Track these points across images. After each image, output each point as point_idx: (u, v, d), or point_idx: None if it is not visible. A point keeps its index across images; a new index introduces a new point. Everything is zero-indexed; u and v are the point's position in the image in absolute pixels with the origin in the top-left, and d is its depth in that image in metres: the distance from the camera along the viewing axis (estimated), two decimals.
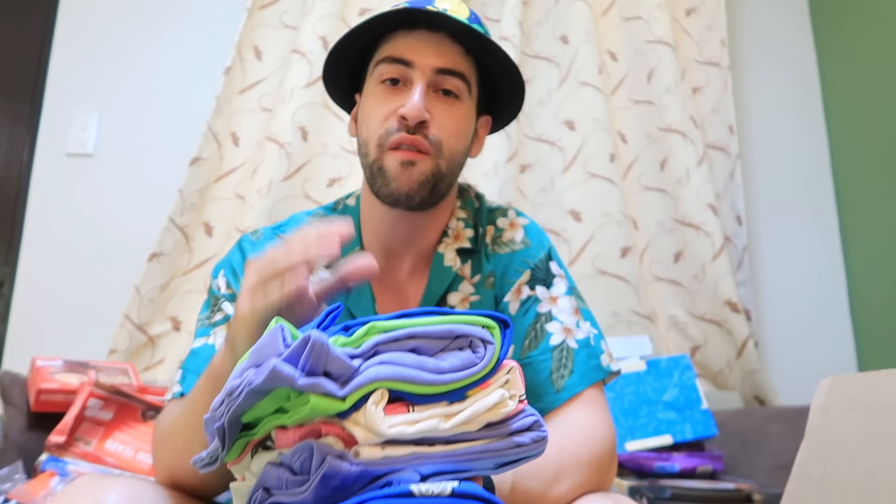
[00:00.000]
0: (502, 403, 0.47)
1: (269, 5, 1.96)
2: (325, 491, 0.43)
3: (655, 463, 1.39)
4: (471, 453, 0.46)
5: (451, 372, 0.46)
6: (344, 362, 0.44)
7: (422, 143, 0.77)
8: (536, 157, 1.94)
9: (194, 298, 1.76)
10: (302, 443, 0.45)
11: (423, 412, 0.45)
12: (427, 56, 0.79)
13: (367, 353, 0.46)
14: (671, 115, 1.93)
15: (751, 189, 2.02)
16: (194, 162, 1.79)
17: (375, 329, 0.47)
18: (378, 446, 0.44)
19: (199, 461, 0.49)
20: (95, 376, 1.38)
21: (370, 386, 0.44)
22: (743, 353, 1.79)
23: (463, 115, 0.81)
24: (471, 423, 0.46)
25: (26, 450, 1.28)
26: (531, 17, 2.03)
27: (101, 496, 0.58)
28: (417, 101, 0.76)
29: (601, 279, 1.82)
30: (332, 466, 0.42)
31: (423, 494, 0.43)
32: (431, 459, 0.45)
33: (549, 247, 0.88)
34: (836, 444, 0.70)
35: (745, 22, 2.15)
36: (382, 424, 0.43)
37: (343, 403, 0.44)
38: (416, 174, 0.77)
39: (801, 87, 2.11)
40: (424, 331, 0.47)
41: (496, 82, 0.86)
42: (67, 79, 1.95)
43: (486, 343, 0.48)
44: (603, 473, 0.71)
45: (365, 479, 0.44)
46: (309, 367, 0.43)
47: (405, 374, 0.45)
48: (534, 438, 0.48)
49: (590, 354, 0.80)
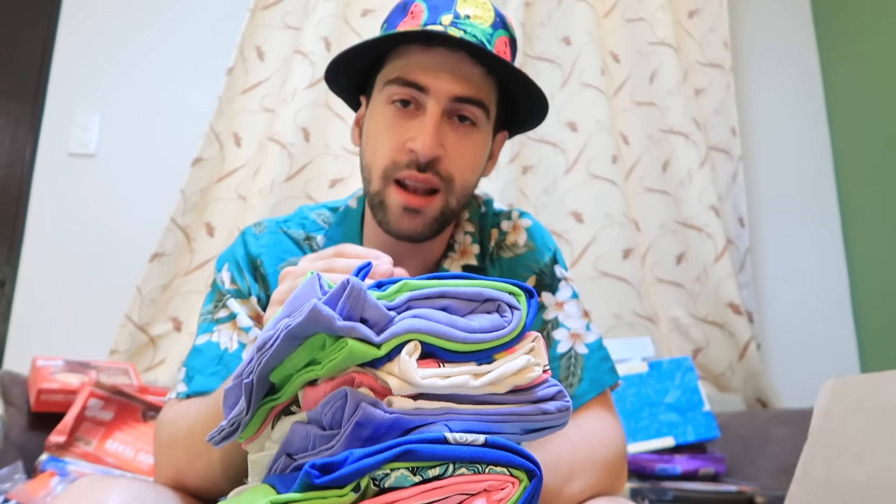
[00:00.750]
0: (528, 368, 0.47)
1: (271, 6, 1.96)
2: (357, 443, 0.43)
3: (657, 465, 1.39)
4: (498, 414, 0.47)
5: (480, 332, 0.47)
6: (381, 310, 0.45)
7: (432, 181, 0.71)
8: (538, 159, 1.94)
9: (196, 299, 1.76)
10: (335, 391, 0.44)
11: (455, 368, 0.46)
12: (444, 81, 0.71)
13: (399, 308, 0.46)
14: (673, 116, 1.92)
15: (753, 191, 2.01)
16: (196, 162, 1.80)
17: (408, 287, 0.48)
18: (410, 398, 0.44)
19: (216, 433, 0.48)
20: (96, 376, 1.38)
21: (405, 336, 0.45)
22: (745, 355, 1.78)
23: (479, 145, 0.75)
24: (498, 384, 0.46)
25: (27, 450, 1.28)
26: (533, 19, 2.03)
27: (104, 498, 0.57)
28: (430, 139, 0.69)
29: (603, 281, 1.82)
30: (366, 413, 0.42)
31: (457, 442, 0.43)
32: (461, 416, 0.45)
33: (553, 249, 0.85)
34: (840, 445, 0.69)
35: (747, 24, 2.15)
36: (416, 374, 0.43)
37: (378, 350, 0.44)
38: (421, 219, 0.72)
39: (804, 88, 2.11)
40: (455, 291, 0.48)
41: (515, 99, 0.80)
42: (70, 79, 1.96)
43: (514, 309, 0.49)
44: (614, 478, 0.71)
45: (397, 430, 0.44)
46: (347, 311, 0.43)
47: (438, 329, 0.45)
48: (559, 408, 0.49)
49: (603, 357, 0.78)
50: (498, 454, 0.43)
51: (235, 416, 0.47)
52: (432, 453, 0.41)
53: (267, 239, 0.82)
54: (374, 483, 0.41)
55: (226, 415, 0.48)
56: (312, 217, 0.85)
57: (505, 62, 0.70)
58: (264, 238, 0.82)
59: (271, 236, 0.82)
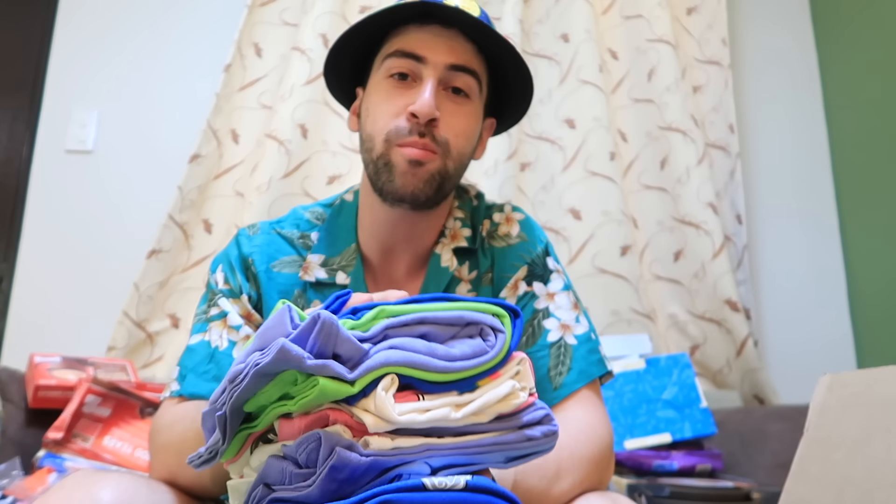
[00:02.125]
0: (513, 395, 0.46)
1: (269, 2, 1.96)
2: (332, 484, 0.41)
3: (654, 461, 1.39)
4: (482, 445, 0.45)
5: (461, 360, 0.45)
6: (354, 344, 0.43)
7: (430, 145, 0.75)
8: (536, 156, 1.94)
9: (193, 296, 1.76)
10: (308, 433, 0.43)
11: (434, 401, 0.44)
12: (439, 52, 0.77)
13: (375, 338, 0.44)
14: (671, 113, 1.92)
15: (751, 188, 2.02)
16: (194, 159, 1.79)
17: (385, 313, 0.46)
18: (388, 437, 0.43)
19: (195, 458, 0.47)
20: (94, 373, 1.38)
21: (380, 370, 0.43)
22: (742, 352, 1.78)
23: (471, 115, 0.80)
24: (482, 413, 0.45)
25: (24, 446, 1.28)
26: (532, 16, 2.02)
27: (96, 491, 0.58)
28: (428, 99, 0.74)
29: (601, 278, 1.82)
30: (340, 457, 0.41)
31: (436, 488, 0.41)
32: (442, 451, 0.44)
33: (545, 242, 0.87)
34: (836, 441, 0.69)
35: (745, 21, 2.15)
36: (393, 411, 0.42)
37: (352, 387, 0.42)
38: (423, 173, 0.75)
39: (802, 86, 2.11)
40: (434, 316, 0.46)
41: (504, 83, 0.85)
42: (67, 75, 1.95)
43: (497, 331, 0.47)
44: (601, 471, 0.71)
45: (374, 472, 0.42)
46: (318, 348, 0.42)
47: (416, 360, 0.43)
48: (544, 432, 0.47)
49: (591, 349, 0.79)
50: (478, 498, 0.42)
51: (212, 445, 0.46)
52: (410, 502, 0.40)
53: (260, 239, 0.85)
54: None
55: (205, 437, 0.47)
56: (306, 216, 0.88)
57: (495, 33, 0.76)
58: (257, 238, 0.85)
59: (264, 237, 0.85)
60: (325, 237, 0.85)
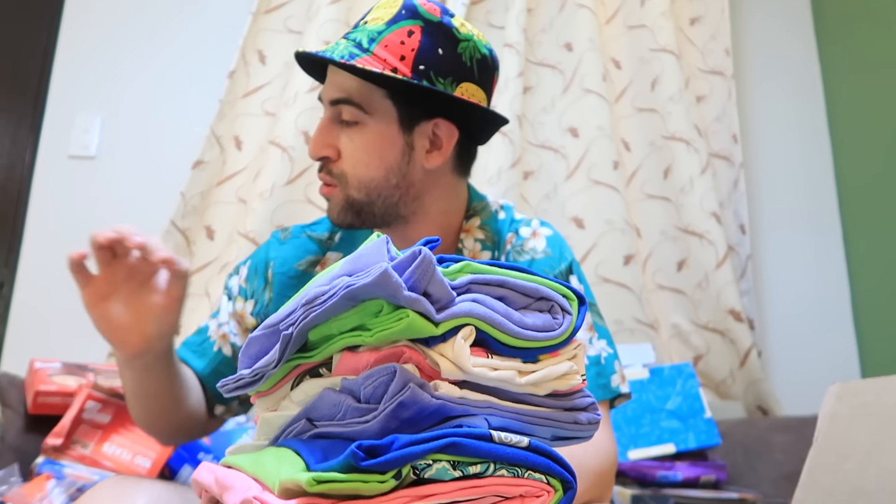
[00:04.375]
0: (570, 375, 0.46)
1: (274, 10, 1.96)
2: (394, 422, 0.41)
3: (658, 472, 1.38)
4: (535, 416, 0.45)
5: (532, 329, 0.45)
6: (446, 287, 0.43)
7: (325, 178, 0.81)
8: (540, 164, 1.94)
9: (195, 302, 1.75)
10: (381, 366, 0.42)
11: (503, 362, 0.44)
12: (326, 91, 0.81)
13: (460, 289, 0.44)
14: (675, 123, 1.92)
15: (754, 198, 2.01)
16: (197, 165, 1.79)
17: (470, 268, 0.46)
18: (457, 386, 0.43)
19: (231, 381, 0.46)
20: (94, 379, 1.37)
21: (464, 319, 0.43)
22: (746, 362, 1.77)
23: (370, 140, 0.79)
24: (540, 386, 0.45)
25: (23, 452, 1.27)
26: (535, 25, 2.03)
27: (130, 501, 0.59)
28: (313, 142, 0.80)
29: (604, 287, 1.81)
30: (413, 394, 0.40)
31: (501, 442, 0.41)
32: (502, 412, 0.44)
33: (570, 259, 0.86)
34: (846, 451, 0.69)
35: (749, 31, 2.15)
36: (468, 361, 0.42)
37: (436, 329, 0.42)
38: (333, 205, 0.82)
39: (805, 96, 2.11)
40: (514, 283, 0.46)
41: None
42: (71, 81, 1.95)
43: (566, 312, 0.48)
44: (603, 487, 0.72)
45: (438, 417, 0.42)
46: (413, 282, 0.41)
47: (495, 318, 0.44)
48: (589, 420, 0.48)
49: (599, 373, 0.79)
50: (539, 460, 0.42)
51: (261, 367, 0.45)
52: (476, 449, 0.40)
53: (290, 244, 0.91)
54: (414, 472, 0.39)
55: (242, 363, 0.47)
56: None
57: (337, 63, 0.75)
58: (288, 244, 0.91)
59: (294, 241, 0.91)
60: (345, 236, 0.90)
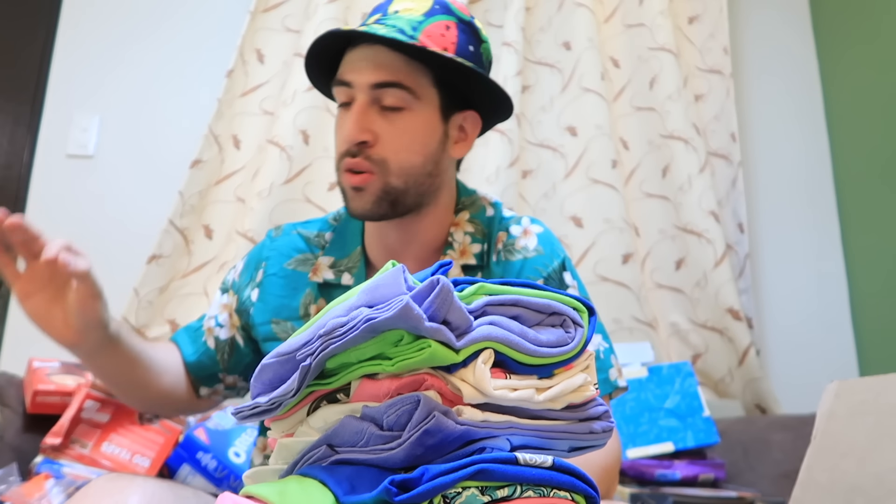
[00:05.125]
0: (585, 387, 0.47)
1: (272, 9, 1.96)
2: (419, 449, 0.41)
3: (657, 470, 1.38)
4: (553, 431, 0.46)
5: (547, 346, 0.46)
6: (464, 314, 0.43)
7: (362, 164, 0.77)
8: (538, 163, 1.94)
9: (193, 301, 1.75)
10: (404, 395, 0.43)
11: (521, 381, 0.45)
12: (364, 73, 0.77)
13: (476, 312, 0.45)
14: (673, 122, 1.92)
15: (753, 197, 2.01)
16: (195, 164, 1.79)
17: (484, 290, 0.46)
18: (478, 409, 0.43)
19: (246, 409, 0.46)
20: (92, 378, 1.36)
21: (483, 343, 0.43)
22: (744, 361, 1.78)
23: (413, 126, 0.79)
24: (557, 400, 0.46)
25: (21, 452, 1.27)
26: (534, 24, 2.03)
27: (123, 498, 0.58)
28: (351, 125, 0.77)
29: (602, 286, 1.81)
30: (438, 422, 0.41)
31: (527, 463, 0.42)
32: (522, 431, 0.45)
33: (563, 256, 0.86)
34: (844, 449, 0.69)
35: (747, 30, 2.15)
36: (489, 384, 0.42)
37: (457, 356, 0.43)
38: (367, 196, 0.78)
39: (804, 94, 2.11)
40: (528, 301, 0.47)
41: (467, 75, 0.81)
42: (69, 80, 1.95)
43: (577, 325, 0.48)
44: (609, 483, 0.72)
45: (462, 441, 0.42)
46: (433, 311, 0.42)
47: (512, 339, 0.44)
48: (604, 428, 0.48)
49: (598, 368, 0.79)
50: (564, 478, 0.42)
51: (279, 396, 0.45)
52: (504, 473, 0.41)
53: (281, 241, 0.91)
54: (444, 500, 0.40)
55: (255, 388, 0.47)
56: (327, 217, 0.93)
57: (409, 45, 0.74)
58: (279, 241, 0.91)
59: (285, 238, 0.91)
60: (336, 239, 0.89)
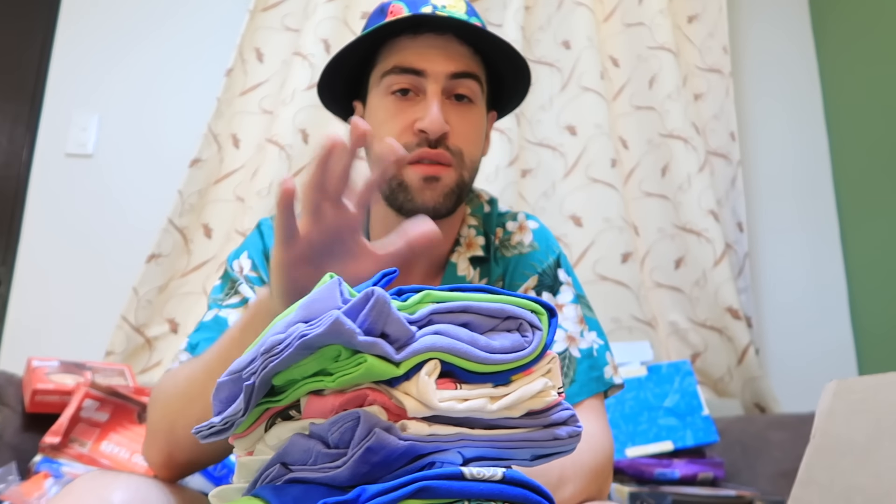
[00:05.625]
0: (545, 392, 0.45)
1: (271, 8, 1.96)
2: (364, 467, 0.40)
3: (656, 469, 1.38)
4: (511, 440, 0.44)
5: (501, 353, 0.44)
6: (404, 325, 0.42)
7: (444, 157, 0.74)
8: (538, 162, 1.94)
9: (192, 300, 1.75)
10: (345, 412, 0.41)
11: (472, 391, 0.43)
12: (438, 62, 0.76)
13: (420, 321, 0.43)
14: (673, 121, 1.92)
15: (752, 196, 2.01)
16: (194, 163, 1.79)
17: (430, 297, 0.45)
18: (425, 422, 0.42)
19: (204, 428, 0.46)
20: (91, 377, 1.37)
21: (426, 354, 0.42)
22: (744, 360, 1.78)
23: (478, 120, 0.80)
24: (514, 408, 0.44)
25: (21, 451, 1.27)
26: (533, 23, 2.03)
27: (107, 494, 0.58)
28: (437, 115, 0.73)
29: (602, 285, 1.81)
30: (378, 439, 0.39)
31: (474, 478, 0.40)
32: (475, 442, 0.43)
33: (558, 252, 0.86)
34: (843, 447, 0.69)
35: (746, 29, 2.15)
36: (434, 396, 0.41)
37: (397, 369, 0.41)
38: (441, 188, 0.75)
39: (803, 94, 2.11)
40: (478, 306, 0.45)
41: (500, 75, 0.84)
42: (68, 79, 1.95)
43: (535, 328, 0.46)
44: (601, 482, 0.71)
45: (409, 457, 0.41)
46: (368, 325, 0.40)
47: (460, 348, 0.42)
48: (570, 433, 0.46)
49: (592, 365, 0.79)
50: (516, 492, 0.41)
51: (230, 416, 0.45)
52: (449, 490, 0.39)
53: None
54: None
55: (215, 407, 0.46)
56: None
57: (490, 33, 0.76)
58: None
59: None
60: None
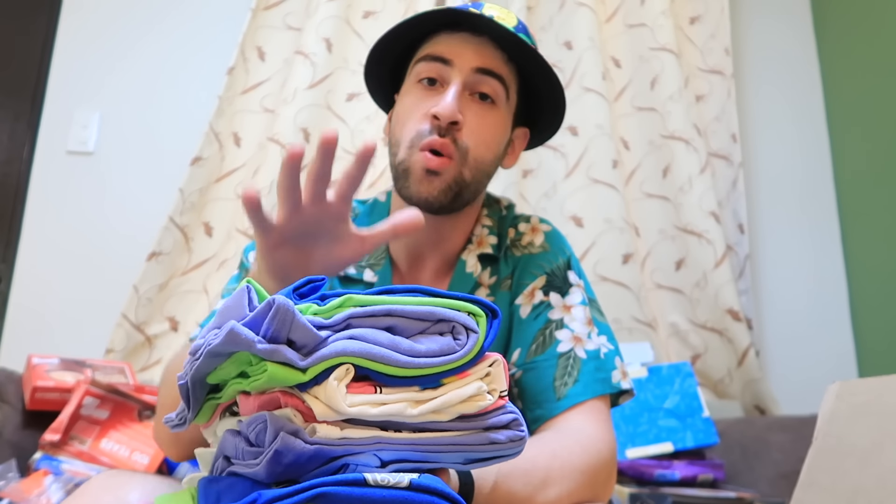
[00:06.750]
0: (479, 396, 0.45)
1: (273, 6, 1.96)
2: (278, 467, 0.41)
3: (656, 470, 1.38)
4: (438, 444, 0.44)
5: (426, 356, 0.44)
6: (309, 331, 0.42)
7: (447, 147, 0.75)
8: (539, 163, 1.94)
9: (193, 299, 1.75)
10: (257, 414, 0.43)
11: (391, 395, 0.43)
12: (466, 55, 0.77)
13: (337, 326, 0.44)
14: (674, 122, 1.92)
15: (753, 197, 2.01)
16: (195, 162, 1.79)
17: (351, 301, 0.45)
18: (337, 426, 0.42)
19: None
20: (92, 375, 1.36)
21: (335, 360, 0.42)
22: (744, 361, 1.78)
23: (497, 123, 0.80)
24: (442, 412, 0.44)
25: (21, 448, 1.27)
26: (535, 23, 2.03)
27: (123, 494, 0.58)
28: (450, 101, 0.74)
29: (602, 286, 1.81)
30: (284, 442, 0.40)
31: (377, 484, 0.39)
32: (394, 445, 0.43)
33: (569, 255, 0.87)
34: (845, 450, 0.69)
35: (748, 31, 2.15)
36: (342, 401, 0.41)
37: (303, 375, 0.42)
38: (439, 182, 0.75)
39: (804, 96, 2.11)
40: (403, 310, 0.45)
41: (536, 94, 0.85)
42: (69, 77, 1.95)
43: (470, 331, 0.46)
44: (598, 486, 0.69)
45: (320, 459, 0.42)
46: (272, 332, 0.41)
47: (374, 352, 0.42)
48: (510, 437, 0.46)
49: (598, 367, 0.78)
50: (422, 498, 0.40)
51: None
52: (349, 497, 0.39)
53: None
54: None
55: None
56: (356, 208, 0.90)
57: (523, 42, 0.76)
58: None
59: None
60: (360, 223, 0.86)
